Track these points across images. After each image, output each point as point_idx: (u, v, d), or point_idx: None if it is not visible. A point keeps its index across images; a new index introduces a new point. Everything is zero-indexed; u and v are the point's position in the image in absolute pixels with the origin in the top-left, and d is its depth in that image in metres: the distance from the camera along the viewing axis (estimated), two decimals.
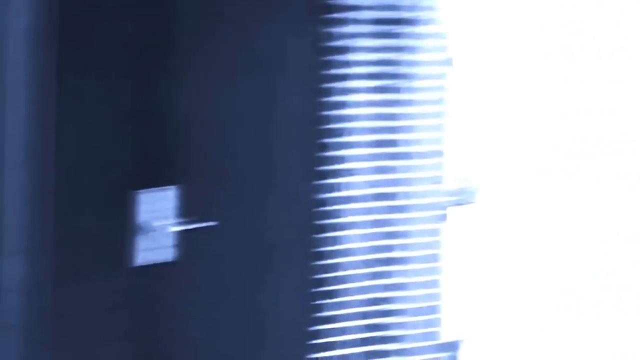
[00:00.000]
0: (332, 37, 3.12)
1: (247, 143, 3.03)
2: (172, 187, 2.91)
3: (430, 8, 3.27)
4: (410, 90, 3.26)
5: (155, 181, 2.89)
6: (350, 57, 3.17)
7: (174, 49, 2.90)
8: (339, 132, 3.17)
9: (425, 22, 3.27)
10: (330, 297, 3.19)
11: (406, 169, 3.27)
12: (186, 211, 2.96)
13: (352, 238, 3.21)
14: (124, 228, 2.88)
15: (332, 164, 3.16)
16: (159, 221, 2.89)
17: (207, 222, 2.96)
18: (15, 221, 2.65)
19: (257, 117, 3.05)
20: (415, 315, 3.32)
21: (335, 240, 3.19)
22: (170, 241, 2.92)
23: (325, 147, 3.15)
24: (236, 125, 3.01)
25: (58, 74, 2.73)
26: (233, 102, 3.00)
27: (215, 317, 3.03)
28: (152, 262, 2.89)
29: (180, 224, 2.92)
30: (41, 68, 2.68)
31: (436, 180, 3.31)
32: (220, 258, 3.02)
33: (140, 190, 2.87)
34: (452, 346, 3.40)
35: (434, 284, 3.33)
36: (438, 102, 3.30)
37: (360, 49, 3.19)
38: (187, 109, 2.93)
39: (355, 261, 3.22)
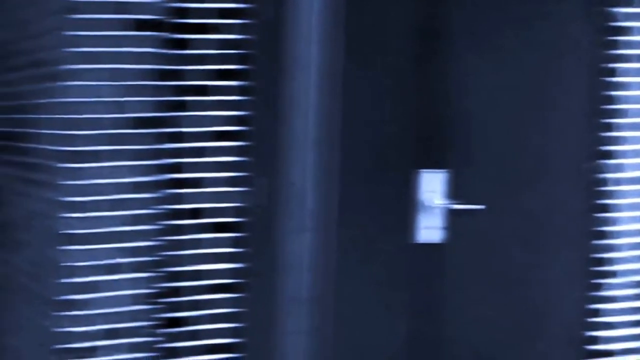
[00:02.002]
0: (614, 17, 3.08)
1: (520, 125, 3.05)
2: (447, 169, 3.01)
3: None
4: None
5: (432, 163, 3.00)
6: (634, 38, 3.10)
7: (455, 34, 2.98)
8: (620, 113, 3.12)
9: None
10: (608, 277, 3.17)
11: None
12: (457, 193, 3.04)
13: (631, 219, 3.16)
14: (405, 206, 3.03)
15: (612, 144, 3.12)
16: (436, 201, 3.00)
17: (477, 204, 3.03)
18: (303, 200, 2.84)
19: (532, 99, 3.06)
20: None
21: (613, 221, 3.14)
22: (444, 222, 3.03)
23: (606, 127, 3.11)
24: (510, 107, 3.04)
25: (345, 57, 2.90)
26: (508, 84, 3.03)
27: (484, 298, 3.10)
28: (428, 241, 3.01)
29: (452, 205, 3.01)
30: (329, 52, 2.84)
31: None
32: (489, 240, 3.07)
33: (420, 170, 3.00)
34: None
35: None
36: None
37: None
38: (464, 92, 3.01)
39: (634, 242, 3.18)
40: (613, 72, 3.08)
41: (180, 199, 3.11)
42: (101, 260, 3.23)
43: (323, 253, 2.81)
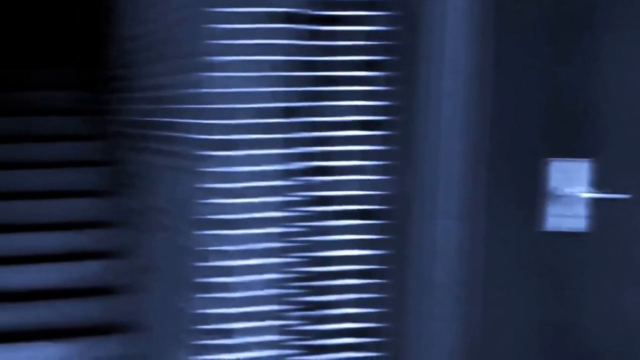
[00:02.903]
0: None
1: None
2: (585, 158, 3.00)
3: None
4: None
5: (568, 151, 2.99)
6: None
7: (590, 22, 2.96)
8: None
9: None
10: None
11: None
12: (599, 183, 3.02)
13: None
14: (537, 194, 3.02)
15: None
16: (571, 190, 2.99)
17: (621, 194, 3.00)
18: (451, 186, 2.88)
19: None
20: None
21: None
22: (582, 211, 3.01)
23: None
24: None
25: (494, 48, 2.92)
26: None
27: (622, 292, 3.06)
28: (563, 229, 3.00)
29: (592, 194, 3.00)
30: (477, 42, 2.86)
31: None
32: (634, 231, 3.04)
33: (552, 159, 3.00)
34: None
35: None
36: None
37: None
38: (601, 81, 2.99)
39: None
40: None
41: (324, 186, 3.19)
42: (244, 244, 3.32)
43: (470, 240, 2.83)
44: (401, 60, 3.06)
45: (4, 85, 5.89)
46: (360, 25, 3.14)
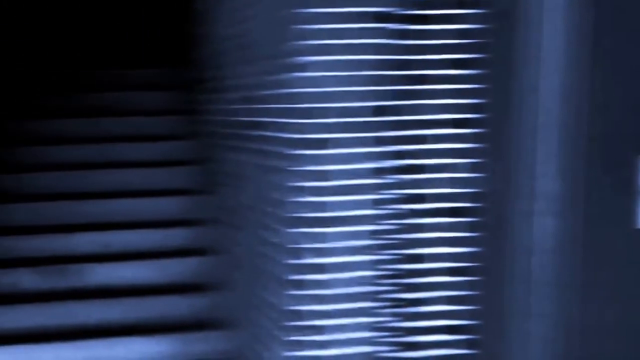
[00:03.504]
0: None
1: None
2: None
3: None
4: None
5: None
6: None
7: None
8: None
9: None
10: None
11: None
12: None
13: None
14: (634, 190, 2.99)
15: None
16: None
17: None
18: (547, 183, 2.86)
19: None
20: None
21: None
22: None
23: None
24: None
25: (591, 45, 2.89)
26: None
27: None
28: None
29: None
30: (575, 39, 2.84)
31: None
32: None
33: None
34: None
35: None
36: None
37: None
38: None
39: None
40: None
41: (415, 184, 3.20)
42: (336, 242, 3.35)
43: (567, 237, 2.82)
44: (493, 57, 3.06)
45: (101, 86, 6.03)
46: (451, 24, 3.14)
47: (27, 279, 4.82)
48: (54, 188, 5.36)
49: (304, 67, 3.27)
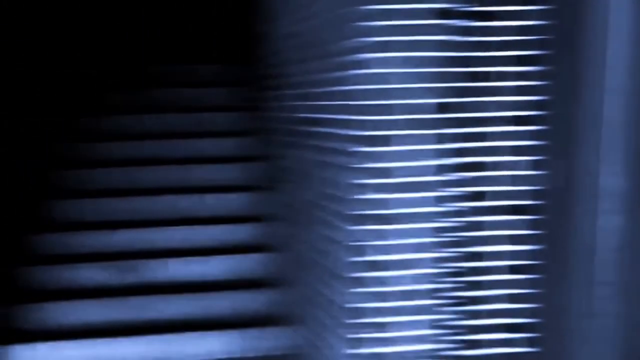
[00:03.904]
0: None
1: None
2: None
3: None
4: None
5: None
6: None
7: None
8: None
9: None
10: None
11: None
12: None
13: None
14: None
15: None
16: None
17: None
18: (612, 181, 2.83)
19: None
20: None
21: None
22: None
23: None
24: None
25: None
26: None
27: None
28: None
29: None
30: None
31: None
32: None
33: None
34: None
35: None
36: None
37: None
38: None
39: None
40: None
41: (476, 182, 3.20)
42: (398, 239, 3.36)
43: (630, 235, 2.79)
44: (557, 54, 3.04)
45: (166, 81, 6.10)
46: (515, 20, 3.13)
47: (98, 275, 4.90)
48: (124, 184, 5.44)
49: (366, 64, 3.28)
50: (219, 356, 4.57)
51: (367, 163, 3.32)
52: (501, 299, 3.21)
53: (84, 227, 5.15)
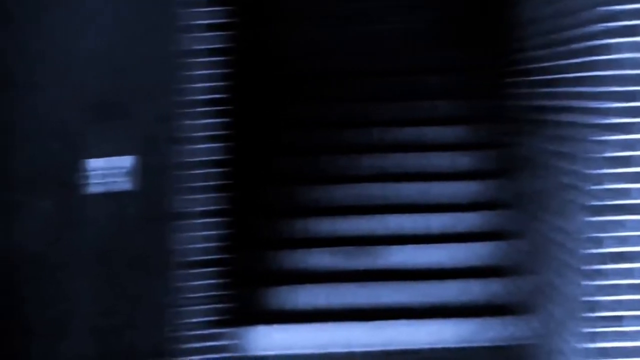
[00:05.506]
0: None
1: None
2: None
3: None
4: None
5: None
6: None
7: None
8: None
9: None
10: None
11: None
12: None
13: None
14: None
15: None
16: None
17: None
18: None
19: None
20: None
21: None
22: None
23: None
24: None
25: None
26: None
27: None
28: None
29: None
30: None
31: None
32: None
33: None
34: None
35: None
36: None
37: None
38: None
39: None
40: None
41: None
42: (636, 230, 3.24)
43: None
44: None
45: (409, 70, 6.15)
46: None
47: (328, 259, 5.00)
48: (368, 170, 5.53)
49: (609, 49, 3.18)
50: (450, 344, 4.56)
51: (607, 152, 3.21)
52: None
53: (327, 212, 5.27)
